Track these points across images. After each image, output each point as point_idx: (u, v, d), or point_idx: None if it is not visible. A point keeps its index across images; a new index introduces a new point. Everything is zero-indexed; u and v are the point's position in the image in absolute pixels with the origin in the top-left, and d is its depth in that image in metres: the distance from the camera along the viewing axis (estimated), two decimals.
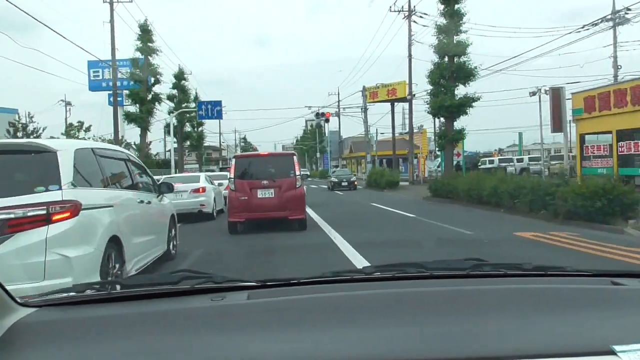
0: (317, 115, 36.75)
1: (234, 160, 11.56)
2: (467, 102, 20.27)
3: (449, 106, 20.00)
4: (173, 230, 7.62)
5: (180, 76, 39.10)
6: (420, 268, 1.57)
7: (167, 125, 37.57)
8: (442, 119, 21.45)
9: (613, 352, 0.97)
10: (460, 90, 20.29)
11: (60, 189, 4.25)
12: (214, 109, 37.11)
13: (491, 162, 36.72)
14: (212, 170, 39.34)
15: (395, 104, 40.44)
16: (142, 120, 25.71)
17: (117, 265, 4.90)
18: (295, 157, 11.07)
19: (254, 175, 10.61)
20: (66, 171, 4.38)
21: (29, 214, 4.03)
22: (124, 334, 1.12)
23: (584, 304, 1.26)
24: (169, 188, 7.51)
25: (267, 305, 1.27)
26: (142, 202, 6.18)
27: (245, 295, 1.34)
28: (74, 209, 4.26)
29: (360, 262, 6.68)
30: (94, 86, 33.59)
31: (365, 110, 37.15)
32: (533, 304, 1.24)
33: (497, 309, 1.20)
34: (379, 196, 23.95)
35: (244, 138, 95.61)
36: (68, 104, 54.27)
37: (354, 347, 1.03)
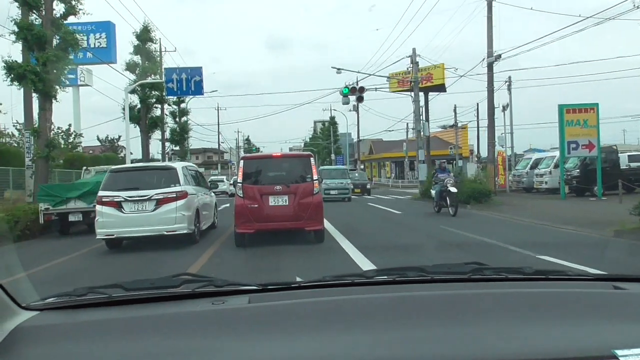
0: (347, 91, 23.97)
1: (242, 162, 9.97)
2: None
3: None
4: (216, 211, 13.09)
5: (144, 36, 27.07)
6: (421, 272, 1.55)
7: (125, 107, 25.05)
8: None
9: (615, 357, 0.96)
10: None
11: (179, 185, 9.70)
12: (191, 81, 24.50)
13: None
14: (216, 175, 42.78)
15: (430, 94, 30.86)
16: (38, 80, 13.57)
17: (198, 224, 10.22)
18: (312, 159, 9.80)
19: (265, 180, 9.49)
20: (181, 177, 9.86)
21: (168, 196, 9.44)
22: (125, 338, 1.12)
23: (585, 308, 1.25)
24: (215, 186, 15.38)
25: (268, 309, 1.25)
26: (204, 194, 11.67)
27: (246, 299, 1.34)
28: (185, 194, 9.61)
29: None
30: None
31: (416, 82, 24.87)
32: (534, 308, 1.23)
33: (498, 313, 1.20)
34: (485, 223, 12.59)
35: (247, 139, 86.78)
36: None
37: (355, 351, 1.03)
